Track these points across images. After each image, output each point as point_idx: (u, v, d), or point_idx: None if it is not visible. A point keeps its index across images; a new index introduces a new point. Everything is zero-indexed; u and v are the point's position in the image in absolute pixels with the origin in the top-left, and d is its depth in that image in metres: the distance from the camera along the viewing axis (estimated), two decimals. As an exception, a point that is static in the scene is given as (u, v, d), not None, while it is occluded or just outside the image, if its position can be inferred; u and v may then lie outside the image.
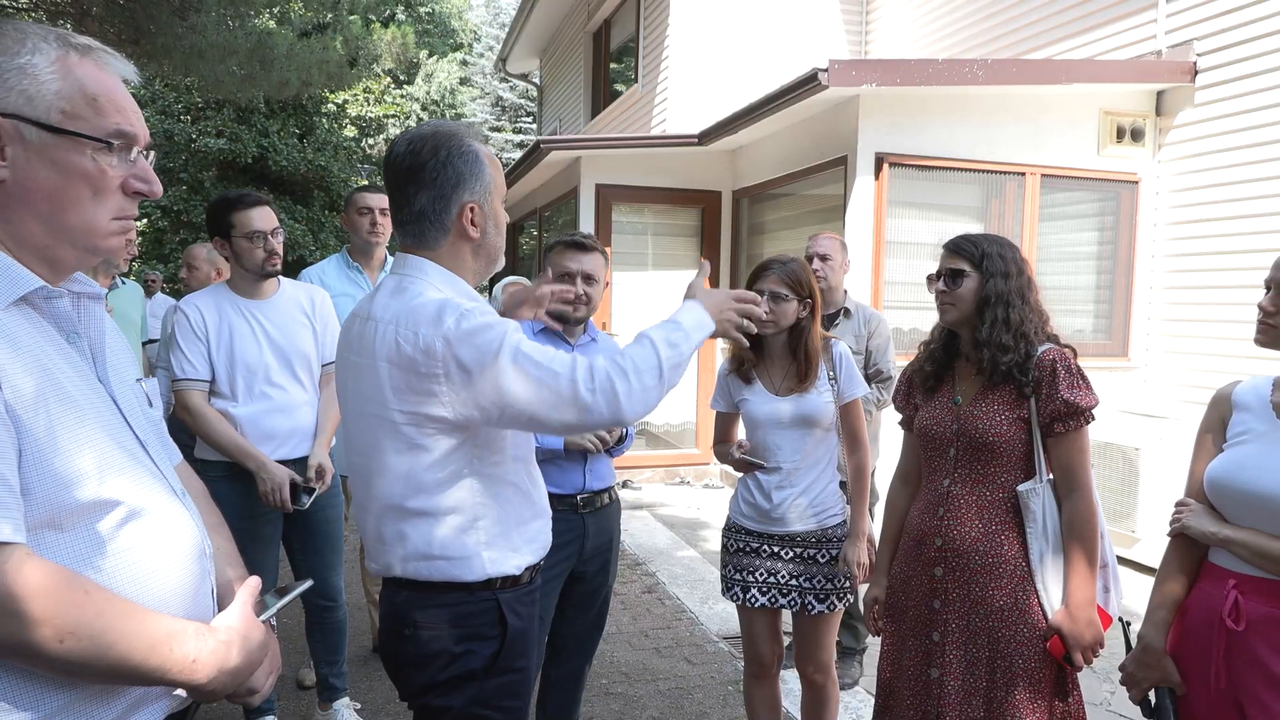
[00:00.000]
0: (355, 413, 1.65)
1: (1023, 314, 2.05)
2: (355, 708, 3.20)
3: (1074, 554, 1.99)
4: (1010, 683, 1.98)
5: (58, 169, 1.05)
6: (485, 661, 1.64)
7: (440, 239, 1.64)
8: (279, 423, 2.82)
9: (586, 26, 11.93)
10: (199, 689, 1.07)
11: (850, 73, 5.32)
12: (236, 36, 7.74)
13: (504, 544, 1.66)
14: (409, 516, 1.60)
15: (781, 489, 2.57)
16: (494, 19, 25.68)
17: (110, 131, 1.07)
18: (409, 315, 1.54)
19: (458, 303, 1.55)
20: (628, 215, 7.69)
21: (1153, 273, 6.19)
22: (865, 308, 3.84)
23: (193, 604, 1.13)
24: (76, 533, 1.01)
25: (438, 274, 1.64)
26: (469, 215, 1.63)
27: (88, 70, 1.07)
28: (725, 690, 3.57)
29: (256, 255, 2.78)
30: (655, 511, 6.64)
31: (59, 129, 1.04)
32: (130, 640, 0.98)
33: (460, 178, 1.61)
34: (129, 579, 1.04)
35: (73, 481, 1.00)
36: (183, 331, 2.75)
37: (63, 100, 1.04)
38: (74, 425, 1.02)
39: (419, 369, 1.51)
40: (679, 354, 1.59)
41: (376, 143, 20.37)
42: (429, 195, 1.61)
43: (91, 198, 1.08)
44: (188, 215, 14.65)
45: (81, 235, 1.09)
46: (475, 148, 1.64)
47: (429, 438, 1.56)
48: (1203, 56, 5.76)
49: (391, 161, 1.64)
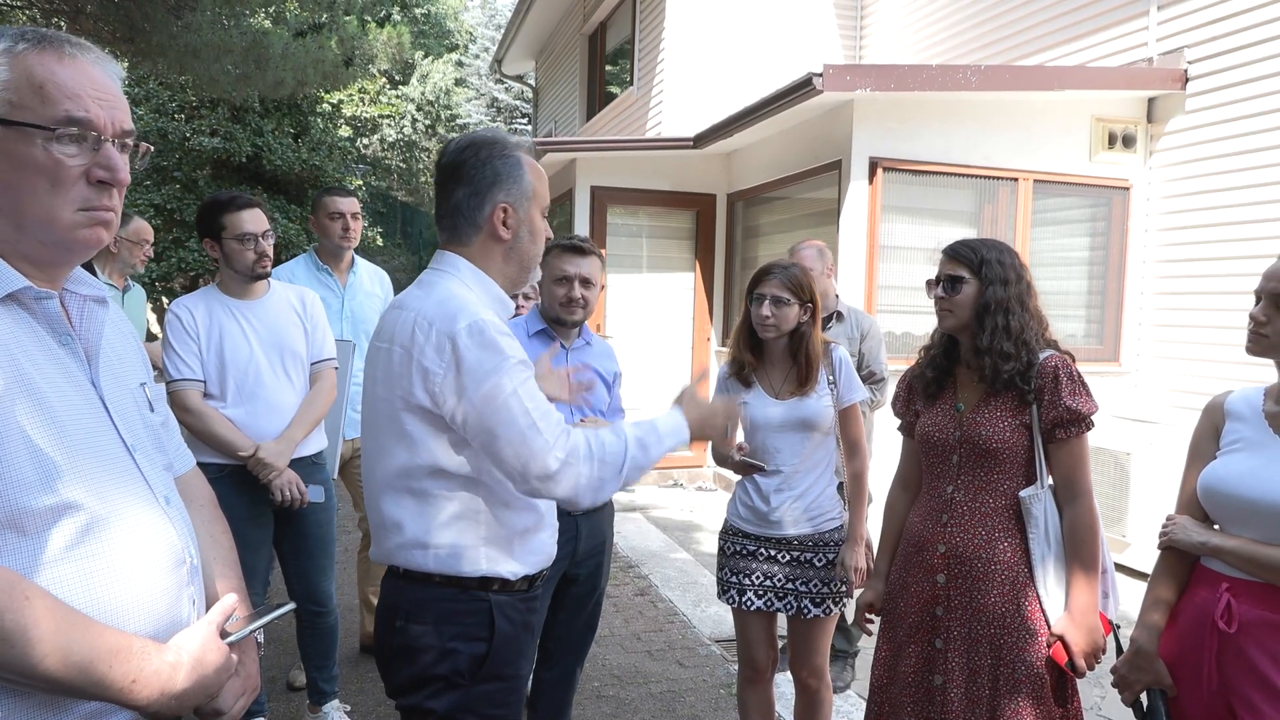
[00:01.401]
0: (371, 396, 1.69)
1: (1023, 321, 2.05)
2: (345, 710, 3.19)
3: (1076, 560, 2.00)
4: (1013, 689, 1.98)
5: (11, 162, 1.03)
6: (471, 664, 1.64)
7: (472, 235, 1.69)
8: (271, 422, 2.81)
9: (582, 29, 11.94)
10: (140, 710, 1.03)
11: (845, 78, 5.34)
12: (232, 35, 7.72)
13: (503, 547, 1.67)
14: (409, 502, 1.62)
15: (780, 492, 2.58)
16: (490, 20, 25.67)
17: (58, 119, 1.03)
18: (431, 308, 1.60)
19: (479, 311, 1.58)
20: (623, 218, 7.69)
21: (1144, 278, 6.22)
22: (857, 310, 3.89)
23: (164, 616, 1.10)
24: (37, 537, 0.98)
25: (469, 271, 1.69)
26: (501, 216, 1.67)
27: (39, 59, 1.04)
28: (717, 693, 3.57)
29: (247, 257, 2.77)
30: (648, 514, 6.65)
31: (6, 120, 1.02)
32: (64, 654, 0.95)
33: (497, 178, 1.67)
34: (86, 587, 1.01)
35: (33, 484, 0.97)
36: (175, 332, 2.74)
37: (8, 92, 1.02)
38: (42, 427, 1.00)
39: (425, 361, 1.56)
40: (646, 457, 1.63)
41: (371, 143, 20.35)
42: (465, 191, 1.67)
43: (49, 189, 1.04)
44: (181, 214, 14.58)
45: (43, 228, 1.06)
46: (519, 155, 1.70)
47: (427, 427, 1.59)
48: (1193, 64, 5.80)
49: (440, 161, 1.72)
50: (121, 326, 1.26)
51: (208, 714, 1.13)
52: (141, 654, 1.02)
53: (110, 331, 1.20)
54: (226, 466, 2.73)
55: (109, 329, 1.19)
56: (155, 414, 1.24)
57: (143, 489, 1.12)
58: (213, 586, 1.25)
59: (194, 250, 14.00)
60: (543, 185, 1.74)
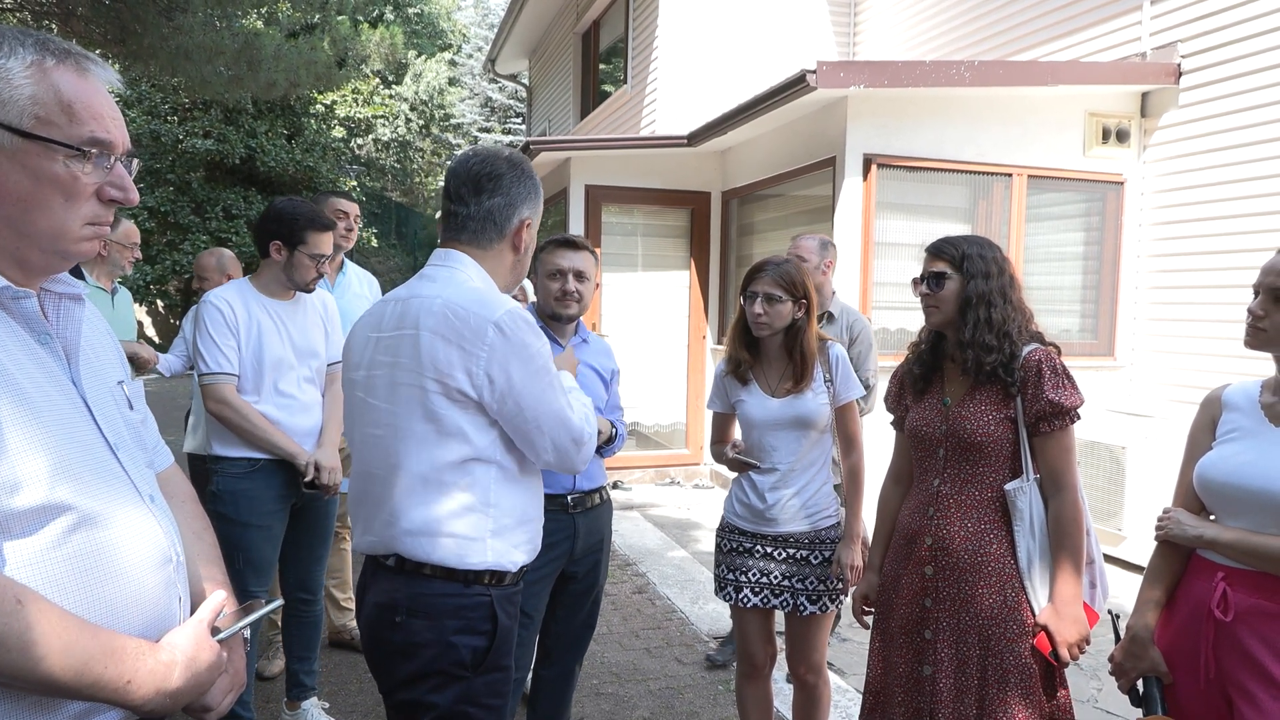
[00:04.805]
0: (388, 383, 1.69)
1: (1005, 313, 2.07)
2: (324, 707, 3.19)
3: (1060, 552, 2.01)
4: (1001, 680, 2.00)
5: (29, 174, 1.04)
6: (475, 656, 1.67)
7: (495, 241, 1.80)
8: (300, 420, 2.88)
9: (575, 27, 11.93)
10: (135, 709, 1.03)
11: (838, 74, 5.34)
12: (224, 37, 7.71)
13: (508, 537, 1.71)
14: (422, 489, 1.64)
15: (776, 490, 2.58)
16: (483, 19, 25.63)
17: (84, 140, 1.06)
18: (461, 296, 1.67)
19: (509, 302, 1.70)
20: (617, 216, 7.69)
21: (1138, 273, 6.24)
22: (851, 311, 3.75)
23: (152, 614, 1.10)
24: (26, 538, 0.98)
25: (476, 270, 1.77)
26: (523, 230, 1.81)
27: (64, 76, 1.06)
28: (715, 690, 3.57)
29: (310, 274, 2.86)
30: (645, 512, 6.65)
31: (31, 134, 1.03)
32: (61, 656, 0.95)
33: (528, 195, 1.82)
34: (77, 587, 1.02)
35: (21, 485, 0.97)
36: (216, 325, 2.75)
37: (37, 106, 1.03)
38: (27, 428, 1.00)
39: (465, 344, 1.62)
40: None
41: (365, 143, 20.31)
42: (501, 200, 1.78)
43: (64, 204, 1.06)
44: (174, 216, 14.55)
45: (50, 240, 1.07)
46: (539, 180, 1.86)
47: (458, 411, 1.64)
48: (1187, 59, 5.82)
49: (468, 167, 1.79)
50: (98, 324, 1.25)
51: (196, 710, 1.14)
52: (136, 654, 1.03)
53: (87, 329, 1.19)
54: (257, 461, 2.77)
55: (86, 327, 1.19)
56: (135, 411, 1.24)
57: (128, 488, 1.12)
58: (199, 583, 1.25)
59: (189, 253, 13.97)
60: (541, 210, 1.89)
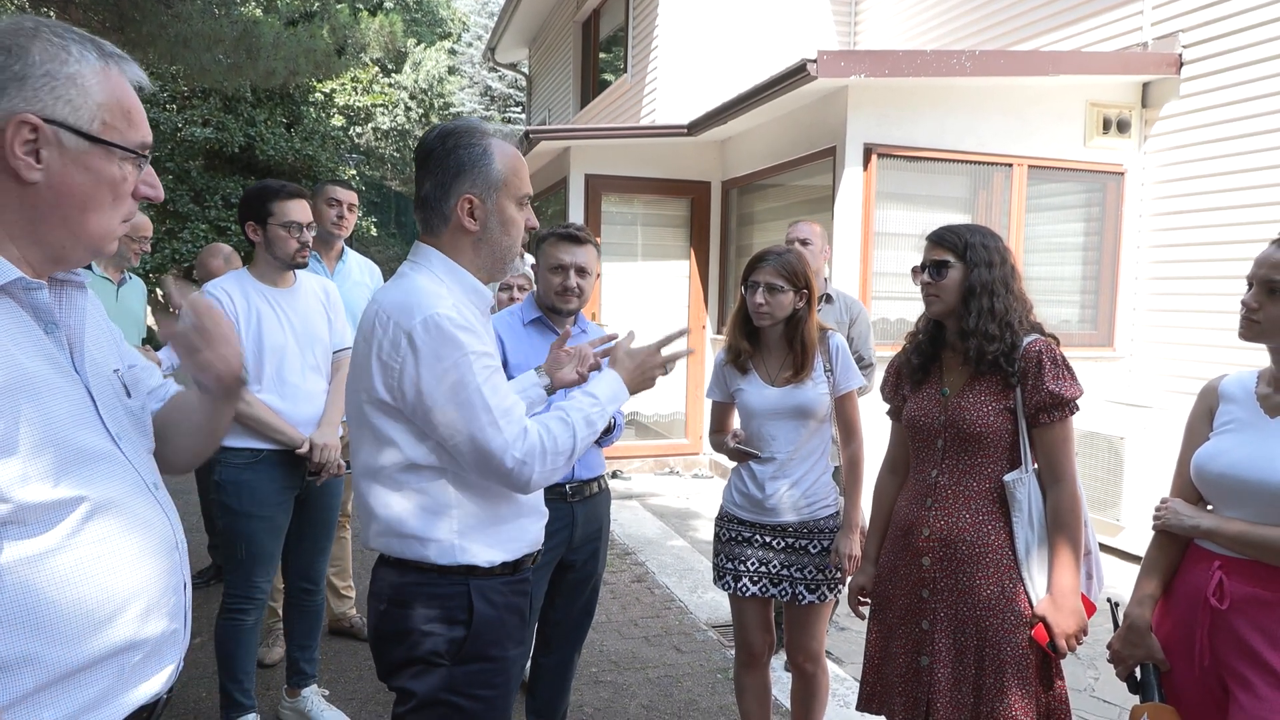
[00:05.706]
0: (350, 388, 1.71)
1: (1007, 303, 2.07)
2: (324, 694, 3.20)
3: (1058, 543, 2.01)
4: (998, 670, 2.01)
5: (90, 175, 1.09)
6: (450, 646, 1.65)
7: (440, 227, 1.68)
8: (303, 409, 2.87)
9: (575, 16, 11.88)
10: None
11: (839, 64, 5.33)
12: (223, 24, 7.68)
13: (479, 537, 1.67)
14: (381, 492, 1.64)
15: (775, 479, 2.58)
16: (482, 8, 25.51)
17: (139, 144, 1.13)
18: (392, 303, 1.61)
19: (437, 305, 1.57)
20: (617, 205, 7.68)
21: (1138, 263, 6.23)
22: (846, 294, 3.89)
23: (161, 598, 1.13)
24: (41, 528, 1.00)
25: (440, 263, 1.68)
26: (466, 207, 1.65)
27: (120, 80, 1.13)
28: (714, 678, 3.59)
29: (290, 245, 2.82)
30: (645, 501, 6.67)
31: (97, 138, 1.09)
32: None
33: (461, 168, 1.64)
34: (94, 574, 1.04)
35: (35, 479, 0.99)
36: None
37: (104, 111, 1.09)
38: (39, 420, 1.01)
39: (383, 354, 1.58)
40: (593, 431, 1.69)
41: (364, 132, 20.25)
42: (432, 182, 1.66)
43: (111, 203, 1.13)
44: (173, 205, 14.52)
45: (98, 238, 1.13)
46: (487, 143, 1.66)
47: (388, 421, 1.60)
48: (1188, 49, 5.80)
49: (415, 150, 1.71)
50: (95, 312, 1.26)
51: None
52: None
53: (88, 318, 1.21)
54: (261, 451, 2.78)
55: (87, 315, 1.20)
56: (133, 399, 1.25)
57: (133, 477, 1.14)
58: None
59: (188, 241, 13.94)
60: (517, 174, 1.69)
